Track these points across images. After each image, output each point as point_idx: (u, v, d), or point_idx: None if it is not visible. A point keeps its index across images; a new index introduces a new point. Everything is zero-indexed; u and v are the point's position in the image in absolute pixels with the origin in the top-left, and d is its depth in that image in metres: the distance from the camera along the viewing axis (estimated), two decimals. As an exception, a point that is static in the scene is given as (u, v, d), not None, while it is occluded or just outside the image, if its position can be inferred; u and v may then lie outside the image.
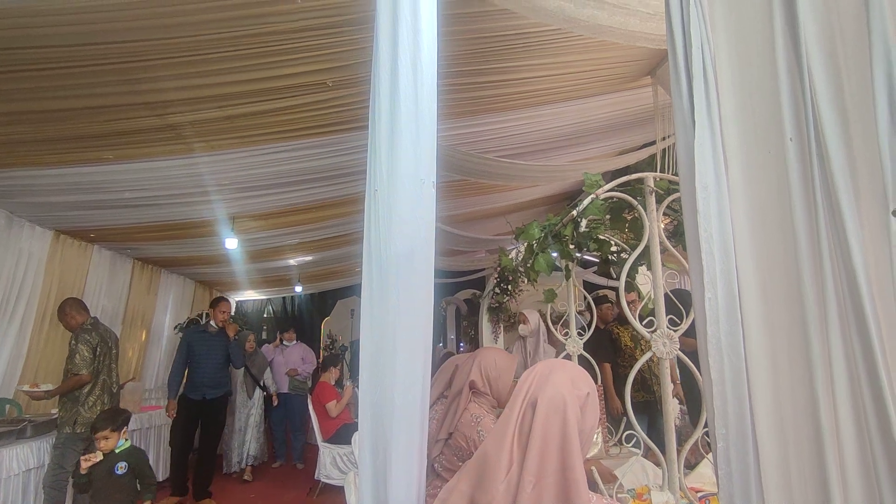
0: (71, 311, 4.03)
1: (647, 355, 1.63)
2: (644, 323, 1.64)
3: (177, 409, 4.79)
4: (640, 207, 1.67)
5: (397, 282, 1.03)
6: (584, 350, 2.72)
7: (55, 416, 3.87)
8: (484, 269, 8.46)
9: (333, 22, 2.31)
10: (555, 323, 2.81)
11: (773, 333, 1.00)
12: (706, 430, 1.35)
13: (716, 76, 1.11)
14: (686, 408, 3.88)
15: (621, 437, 2.41)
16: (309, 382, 6.68)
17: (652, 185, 1.67)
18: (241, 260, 6.42)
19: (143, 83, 2.59)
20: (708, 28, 1.13)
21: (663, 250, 1.73)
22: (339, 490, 4.58)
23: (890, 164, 0.81)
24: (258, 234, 5.50)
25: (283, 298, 11.87)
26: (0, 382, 4.19)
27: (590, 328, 2.77)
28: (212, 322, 5.02)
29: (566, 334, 2.65)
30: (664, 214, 1.75)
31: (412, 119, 1.06)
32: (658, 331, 1.62)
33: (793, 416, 0.98)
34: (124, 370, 5.42)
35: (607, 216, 1.86)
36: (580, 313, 2.93)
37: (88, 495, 2.99)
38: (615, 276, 2.62)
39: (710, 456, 1.57)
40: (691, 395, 3.47)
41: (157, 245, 5.60)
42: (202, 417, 4.94)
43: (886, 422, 0.91)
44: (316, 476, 5.02)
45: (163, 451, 5.30)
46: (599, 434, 2.37)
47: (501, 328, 5.83)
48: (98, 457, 2.94)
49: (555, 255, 2.05)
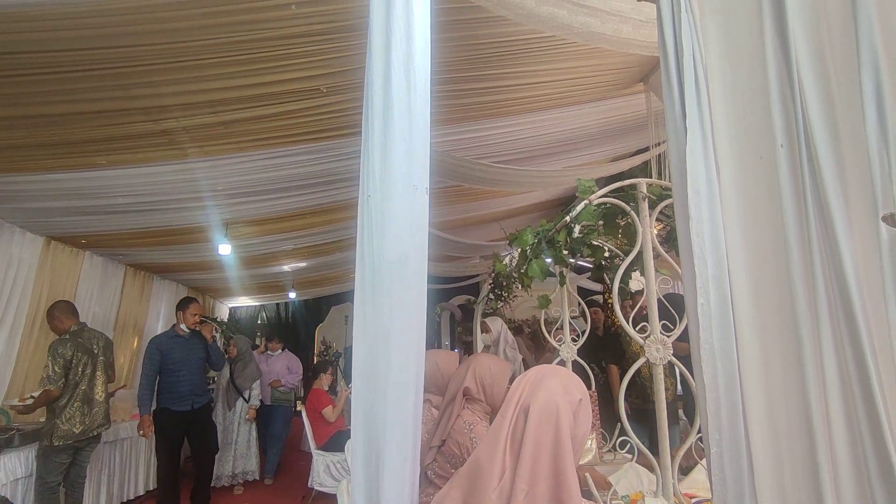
0: (59, 315, 3.96)
1: (640, 361, 1.63)
2: (638, 329, 1.65)
3: (159, 424, 4.35)
4: (632, 213, 1.67)
5: (390, 288, 1.02)
6: (581, 354, 2.72)
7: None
8: (478, 275, 8.46)
9: (327, 28, 2.31)
10: (549, 328, 2.81)
11: (765, 338, 1.00)
12: (699, 435, 1.36)
13: (707, 83, 1.12)
14: (682, 412, 3.88)
15: (615, 443, 2.40)
16: (293, 395, 6.42)
17: (645, 191, 1.68)
18: (235, 266, 6.38)
19: (137, 88, 2.58)
20: (699, 36, 1.14)
21: (656, 255, 1.73)
22: (332, 498, 4.54)
23: (879, 170, 0.82)
24: (252, 240, 5.48)
25: (277, 305, 11.80)
26: (-12, 390, 4.13)
27: (584, 334, 2.77)
28: (182, 325, 4.60)
29: (560, 340, 2.65)
30: (657, 220, 1.76)
31: (405, 125, 1.06)
32: (651, 336, 1.62)
33: (785, 420, 0.98)
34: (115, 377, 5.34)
35: (600, 222, 1.87)
36: (574, 318, 2.93)
37: None
38: (609, 282, 2.63)
39: (703, 461, 1.57)
40: (690, 400, 3.46)
41: (149, 251, 5.56)
42: (191, 429, 4.55)
43: (877, 425, 0.91)
44: (309, 484, 4.98)
45: (153, 458, 5.23)
46: (594, 440, 2.37)
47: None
48: None
49: (549, 260, 2.05)
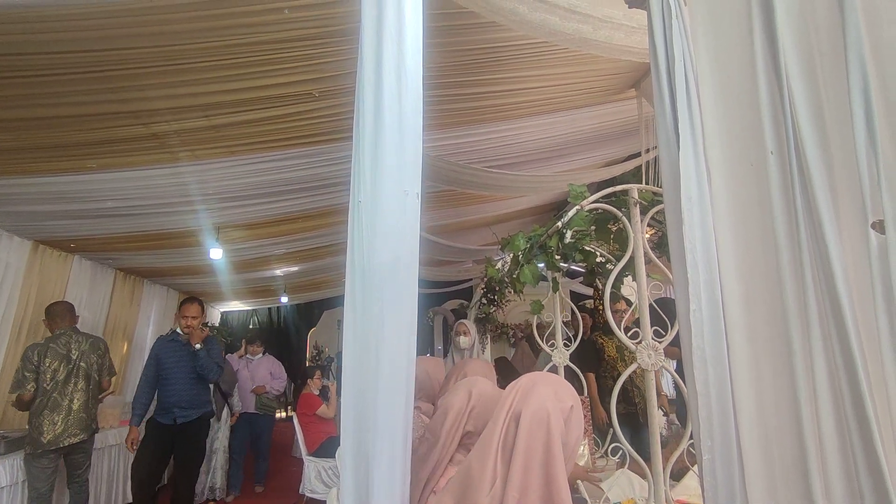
0: (50, 317, 3.94)
1: (632, 367, 1.63)
2: (629, 334, 1.65)
3: (145, 435, 4.01)
4: (624, 219, 1.68)
5: (381, 294, 1.02)
6: (570, 361, 2.72)
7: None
8: (471, 280, 8.47)
9: (320, 33, 2.31)
10: (541, 333, 2.81)
11: (756, 345, 1.00)
12: (691, 441, 1.35)
13: (698, 90, 1.12)
14: (675, 416, 3.89)
15: (607, 449, 2.40)
16: (276, 403, 6.07)
17: (636, 197, 1.68)
18: (226, 270, 6.33)
19: (127, 91, 2.56)
20: (690, 43, 1.15)
21: (648, 261, 1.74)
22: (323, 504, 4.51)
23: (867, 177, 0.83)
24: (243, 245, 5.45)
25: (269, 309, 11.73)
26: (-26, 396, 4.07)
27: (576, 339, 2.77)
28: (178, 329, 4.15)
29: (552, 345, 2.64)
30: (648, 225, 1.77)
31: (396, 130, 1.06)
32: (643, 342, 1.62)
33: (776, 426, 0.98)
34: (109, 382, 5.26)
35: (592, 227, 1.87)
36: (566, 324, 2.93)
37: None
38: (601, 287, 2.63)
39: (695, 468, 1.57)
40: (682, 405, 3.47)
41: (140, 255, 5.51)
42: (175, 446, 4.06)
43: (868, 431, 0.91)
44: (301, 490, 4.94)
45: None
46: (586, 446, 2.37)
47: (489, 338, 5.82)
48: None
49: (541, 265, 2.05)
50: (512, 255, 2.15)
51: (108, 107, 2.69)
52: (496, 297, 3.28)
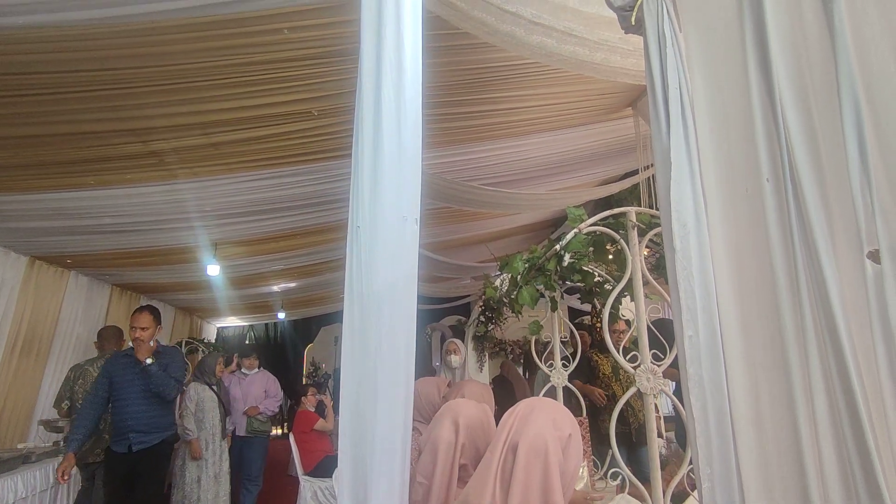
0: (100, 339, 4.34)
1: (630, 391, 1.62)
2: (628, 357, 1.64)
3: (101, 466, 3.49)
4: (622, 241, 1.68)
5: (379, 321, 1.01)
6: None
7: (21, 450, 3.73)
8: (469, 296, 8.44)
9: (320, 52, 2.33)
10: (539, 353, 2.80)
11: (754, 372, 1.00)
12: (691, 466, 1.34)
13: (694, 117, 1.13)
14: (675, 435, 3.85)
15: (606, 472, 2.38)
16: (269, 424, 5.52)
17: (634, 220, 1.69)
18: (224, 286, 6.30)
19: (127, 110, 2.58)
20: (685, 69, 1.16)
21: (646, 283, 1.74)
22: (319, 525, 4.43)
23: (862, 207, 0.83)
24: (241, 261, 5.44)
25: (266, 325, 11.68)
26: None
27: (575, 358, 2.76)
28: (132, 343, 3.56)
29: (551, 365, 2.63)
30: (647, 247, 1.77)
31: (395, 156, 1.07)
32: (642, 366, 1.62)
33: (776, 455, 0.98)
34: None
35: (591, 248, 1.87)
36: (564, 343, 2.92)
37: None
38: (599, 306, 2.63)
39: (695, 493, 1.56)
40: (681, 427, 3.44)
41: (136, 271, 5.50)
42: (134, 479, 3.41)
43: (868, 459, 0.91)
44: (296, 510, 4.85)
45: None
46: (585, 468, 2.34)
47: (487, 356, 5.79)
48: None
49: (539, 286, 2.05)
50: (510, 275, 2.15)
51: (107, 125, 2.71)
52: (494, 316, 3.27)
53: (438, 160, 3.61)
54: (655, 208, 1.74)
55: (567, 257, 1.90)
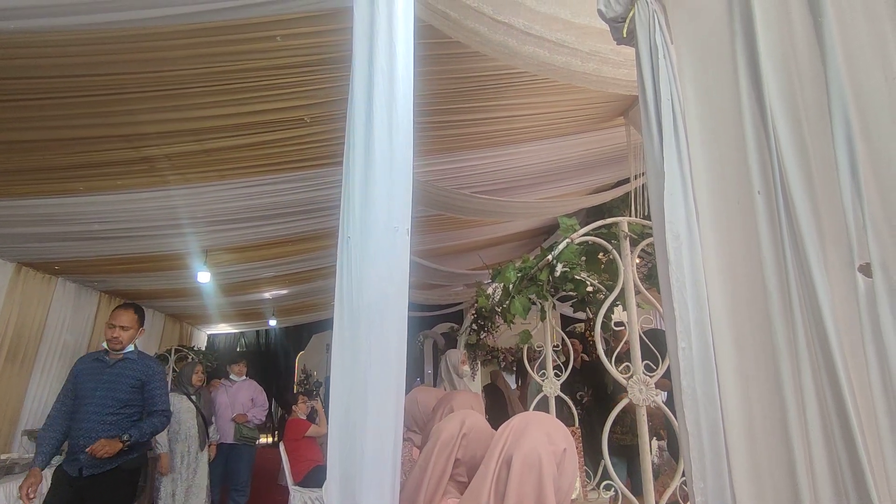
0: None
1: (623, 402, 1.61)
2: (620, 368, 1.64)
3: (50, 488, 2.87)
4: (614, 252, 1.68)
5: (368, 333, 1.00)
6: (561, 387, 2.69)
7: (4, 461, 3.67)
8: (461, 303, 8.43)
9: (312, 60, 2.33)
10: (531, 361, 2.79)
11: (746, 386, 1.00)
12: (684, 479, 1.34)
13: (686, 129, 1.14)
14: (666, 444, 3.84)
15: (599, 482, 2.37)
16: (257, 432, 5.47)
17: (626, 230, 1.69)
18: (214, 293, 6.24)
19: (118, 116, 2.56)
20: (677, 82, 1.17)
21: (638, 292, 1.74)
22: (309, 536, 4.37)
23: (853, 221, 0.83)
24: (232, 268, 5.39)
25: (257, 332, 11.58)
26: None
27: (566, 365, 2.75)
28: (105, 343, 3.08)
29: (543, 374, 2.62)
30: (639, 256, 1.77)
31: (386, 165, 1.06)
32: (634, 376, 1.61)
33: (769, 469, 0.97)
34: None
35: (583, 258, 1.87)
36: (556, 350, 2.91)
37: None
38: (592, 315, 2.62)
39: (687, 504, 1.55)
40: (674, 439, 3.44)
41: (125, 278, 5.44)
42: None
43: (859, 472, 0.91)
44: (285, 521, 4.79)
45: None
46: (578, 479, 2.33)
47: (479, 364, 5.77)
48: None
49: (531, 295, 2.05)
50: (503, 285, 2.14)
51: (98, 130, 2.69)
52: (487, 325, 3.27)
53: (430, 168, 3.61)
54: (647, 216, 1.75)
55: (559, 267, 1.90)
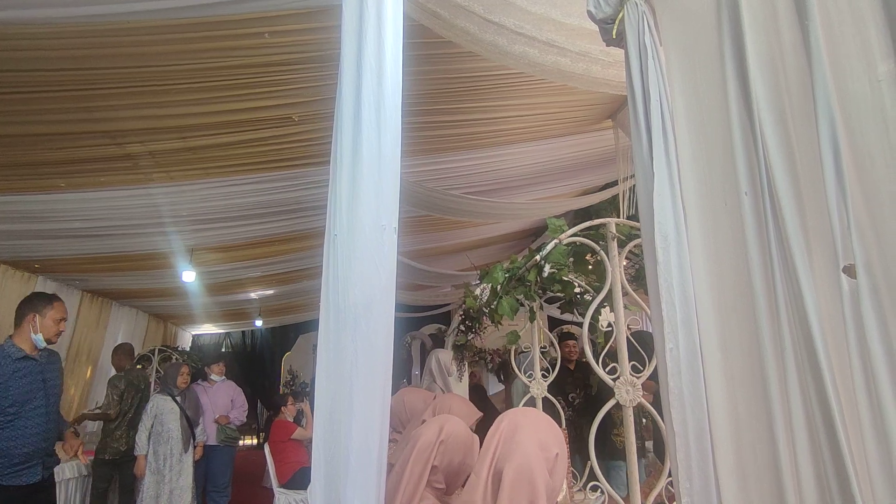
0: (123, 356, 4.93)
1: (610, 403, 1.61)
2: (607, 370, 1.64)
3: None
4: (602, 253, 1.68)
5: (354, 333, 0.99)
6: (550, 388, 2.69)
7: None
8: (449, 304, 8.42)
9: (301, 58, 2.31)
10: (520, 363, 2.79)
11: (732, 386, 1.00)
12: (670, 479, 1.34)
13: (674, 129, 1.14)
14: (653, 447, 3.87)
15: (585, 483, 2.37)
16: (239, 432, 5.40)
17: (614, 231, 1.69)
18: (199, 293, 6.16)
19: (102, 111, 2.52)
20: (666, 83, 1.17)
21: (625, 293, 1.74)
22: (294, 538, 4.33)
23: (838, 222, 0.84)
24: (217, 267, 5.33)
25: (243, 332, 11.47)
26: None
27: (555, 368, 2.75)
28: (35, 336, 2.67)
29: (530, 376, 2.62)
30: (626, 258, 1.78)
31: (374, 165, 1.05)
32: (621, 377, 1.61)
33: (754, 469, 0.98)
34: (65, 409, 5.01)
35: (571, 259, 1.87)
36: (543, 352, 2.91)
37: None
38: (580, 316, 2.63)
39: (673, 505, 1.55)
40: (660, 439, 3.46)
41: (108, 276, 5.35)
42: None
43: (843, 472, 0.91)
44: (269, 523, 4.74)
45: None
46: (564, 480, 2.32)
47: (466, 365, 5.75)
48: None
49: (519, 296, 2.04)
50: (490, 286, 2.14)
51: (80, 126, 2.64)
52: (474, 326, 3.26)
53: (419, 168, 3.60)
54: (634, 216, 1.75)
55: (547, 268, 1.90)
